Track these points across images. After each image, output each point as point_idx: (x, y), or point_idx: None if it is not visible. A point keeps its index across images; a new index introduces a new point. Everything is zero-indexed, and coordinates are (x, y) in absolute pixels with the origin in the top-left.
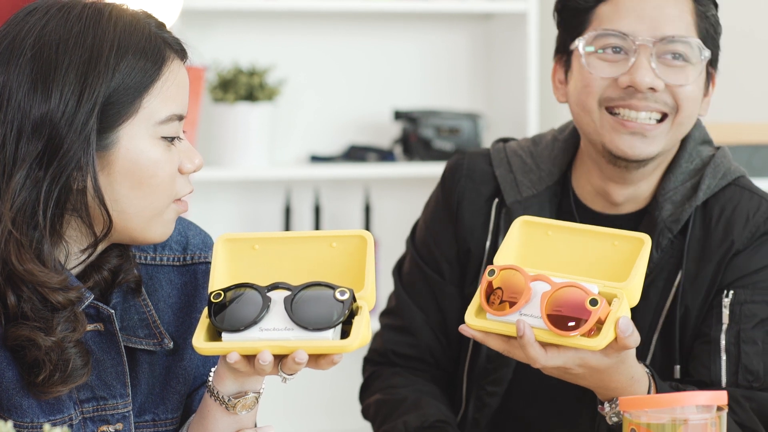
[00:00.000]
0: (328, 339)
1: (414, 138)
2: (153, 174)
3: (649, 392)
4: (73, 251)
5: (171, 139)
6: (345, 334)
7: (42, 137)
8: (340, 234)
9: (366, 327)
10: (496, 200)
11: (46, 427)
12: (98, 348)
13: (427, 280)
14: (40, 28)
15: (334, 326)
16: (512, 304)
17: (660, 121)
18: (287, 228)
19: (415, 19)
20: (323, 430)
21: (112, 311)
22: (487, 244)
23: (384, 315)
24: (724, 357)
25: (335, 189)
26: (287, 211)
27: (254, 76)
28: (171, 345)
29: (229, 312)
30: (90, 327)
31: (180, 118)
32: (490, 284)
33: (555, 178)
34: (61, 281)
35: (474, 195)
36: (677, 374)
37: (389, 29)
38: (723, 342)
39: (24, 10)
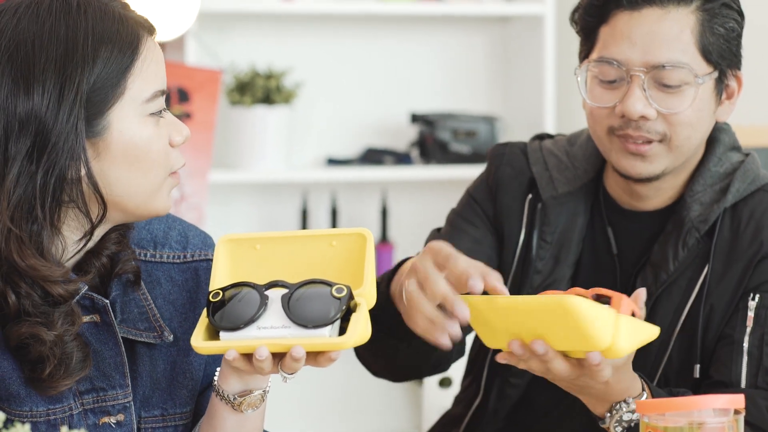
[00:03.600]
0: (325, 336)
1: (431, 141)
2: (148, 150)
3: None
4: (70, 242)
5: (159, 113)
6: (343, 331)
7: (29, 134)
8: (340, 232)
9: (364, 324)
10: (530, 196)
11: (64, 429)
12: (95, 339)
13: (466, 233)
14: (12, 28)
15: (331, 323)
16: None
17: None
18: None
19: (432, 22)
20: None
21: (107, 301)
22: (521, 238)
23: None
24: (745, 359)
25: (352, 192)
26: (304, 214)
27: (271, 78)
28: (171, 338)
29: (228, 311)
30: (86, 319)
31: (163, 93)
32: None
33: (590, 176)
34: (64, 274)
35: (512, 183)
36: (697, 373)
37: (406, 32)
38: (746, 344)
39: None
